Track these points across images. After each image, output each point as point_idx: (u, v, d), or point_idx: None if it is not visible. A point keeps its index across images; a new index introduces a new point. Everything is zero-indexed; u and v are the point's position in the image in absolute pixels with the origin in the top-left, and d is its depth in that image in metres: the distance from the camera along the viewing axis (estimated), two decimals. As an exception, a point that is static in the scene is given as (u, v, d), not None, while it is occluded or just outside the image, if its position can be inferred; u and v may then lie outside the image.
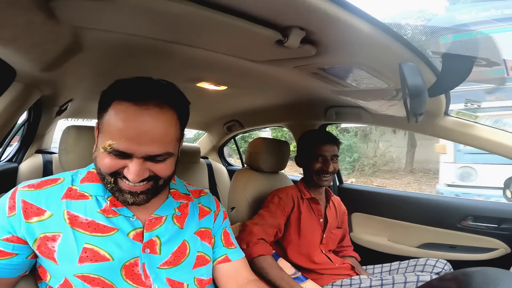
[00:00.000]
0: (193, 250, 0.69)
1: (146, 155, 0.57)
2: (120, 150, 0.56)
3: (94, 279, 0.59)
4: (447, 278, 0.80)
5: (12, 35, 0.57)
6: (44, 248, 0.59)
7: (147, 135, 0.56)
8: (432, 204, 1.50)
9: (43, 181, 0.64)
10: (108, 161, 0.57)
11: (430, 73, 0.79)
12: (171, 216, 0.69)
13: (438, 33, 0.70)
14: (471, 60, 0.70)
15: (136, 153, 0.56)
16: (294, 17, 0.56)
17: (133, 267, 0.62)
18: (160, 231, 0.66)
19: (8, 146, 1.51)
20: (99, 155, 0.58)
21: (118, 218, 0.63)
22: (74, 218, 0.60)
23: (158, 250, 0.65)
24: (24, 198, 0.60)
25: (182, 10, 0.53)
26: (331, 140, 1.25)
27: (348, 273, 1.21)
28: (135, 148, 0.56)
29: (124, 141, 0.55)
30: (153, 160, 0.58)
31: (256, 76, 1.05)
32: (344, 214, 1.41)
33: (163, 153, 0.58)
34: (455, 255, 1.37)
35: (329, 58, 0.77)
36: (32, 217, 0.59)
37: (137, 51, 0.81)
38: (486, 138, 1.14)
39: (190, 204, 0.74)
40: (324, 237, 1.25)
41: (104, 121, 0.58)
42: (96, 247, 0.59)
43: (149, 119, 0.56)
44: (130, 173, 0.56)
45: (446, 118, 1.20)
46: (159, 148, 0.57)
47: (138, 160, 0.56)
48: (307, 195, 1.25)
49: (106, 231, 0.61)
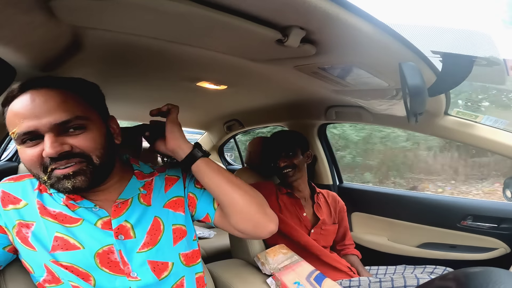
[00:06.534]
0: (167, 225, 0.69)
1: (51, 125, 0.54)
2: (24, 131, 0.54)
3: (67, 267, 0.59)
4: (448, 278, 0.80)
5: (12, 35, 0.57)
6: (21, 234, 0.61)
7: (43, 107, 0.55)
8: (432, 204, 1.50)
9: (23, 175, 0.68)
10: (27, 153, 0.57)
11: (430, 73, 0.79)
12: (136, 196, 0.68)
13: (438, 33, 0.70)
14: (471, 60, 0.70)
15: (40, 127, 0.54)
16: (294, 16, 0.56)
17: (108, 254, 0.62)
18: (128, 214, 0.65)
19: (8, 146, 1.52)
20: (20, 152, 0.59)
21: (80, 210, 0.63)
22: (44, 208, 0.62)
23: (132, 234, 0.64)
24: (3, 189, 0.63)
25: (182, 10, 0.53)
26: (282, 138, 1.34)
27: (345, 271, 1.22)
28: (37, 122, 0.54)
29: (23, 122, 0.54)
30: (66, 132, 0.56)
31: (256, 76, 1.05)
32: (343, 210, 1.42)
33: (72, 117, 0.56)
34: (455, 255, 1.37)
35: (329, 57, 0.77)
36: (8, 205, 0.62)
37: (137, 51, 0.81)
38: (486, 138, 1.14)
39: (155, 178, 0.74)
40: (313, 232, 1.26)
41: (6, 123, 0.58)
42: (66, 235, 0.61)
43: (39, 96, 0.56)
44: (46, 148, 0.54)
45: (446, 118, 1.20)
46: (64, 114, 0.55)
47: (48, 135, 0.54)
48: (284, 191, 1.31)
49: (73, 222, 0.62)
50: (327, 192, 1.43)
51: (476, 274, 0.66)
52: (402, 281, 1.05)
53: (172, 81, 1.18)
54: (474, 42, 0.67)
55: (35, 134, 0.55)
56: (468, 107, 1.13)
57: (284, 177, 1.30)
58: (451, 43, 0.68)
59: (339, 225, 1.39)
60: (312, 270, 1.05)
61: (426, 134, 1.34)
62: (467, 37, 0.67)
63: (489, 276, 0.64)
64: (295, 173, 1.29)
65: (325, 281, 1.01)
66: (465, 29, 0.66)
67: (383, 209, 1.65)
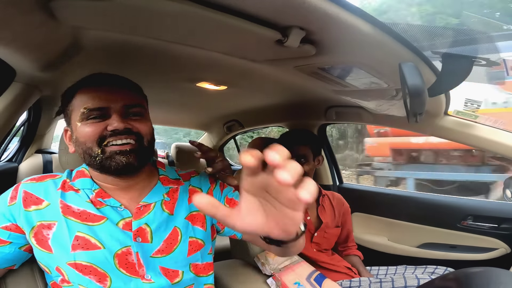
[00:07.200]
0: (185, 237, 0.69)
1: (121, 106, 0.63)
2: (97, 107, 0.61)
3: (86, 267, 0.60)
4: (448, 278, 0.80)
5: (12, 35, 0.57)
6: (40, 236, 0.61)
7: (118, 93, 0.64)
8: (432, 204, 1.50)
9: (44, 175, 0.69)
10: (89, 129, 0.61)
11: (430, 73, 0.79)
12: (159, 202, 0.69)
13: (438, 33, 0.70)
14: (471, 60, 0.70)
15: (112, 105, 0.62)
16: (294, 17, 0.56)
17: (126, 256, 0.62)
18: (149, 219, 0.66)
19: (8, 146, 1.52)
20: (79, 129, 0.62)
21: (106, 208, 0.64)
22: (67, 207, 0.63)
23: (149, 238, 0.65)
24: (25, 189, 0.64)
25: (182, 10, 0.53)
26: (295, 141, 1.26)
27: (345, 272, 1.21)
28: (110, 101, 0.62)
29: (97, 100, 0.62)
30: (129, 116, 0.64)
31: (256, 76, 1.05)
32: (347, 213, 1.39)
33: (137, 103, 0.66)
34: (455, 255, 1.37)
35: (329, 58, 0.77)
36: (31, 205, 0.62)
37: (137, 51, 0.81)
38: (486, 138, 1.14)
39: (180, 188, 0.74)
40: (316, 235, 1.25)
41: (73, 104, 0.64)
42: (87, 235, 0.61)
43: (116, 83, 0.66)
44: (113, 122, 0.61)
45: (446, 118, 1.20)
46: (132, 98, 0.65)
47: (116, 113, 0.62)
48: None
49: (96, 220, 0.62)
50: (332, 194, 1.40)
51: (476, 274, 0.66)
52: (402, 281, 1.05)
53: (172, 82, 1.18)
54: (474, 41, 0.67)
55: (104, 111, 0.62)
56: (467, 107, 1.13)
57: None
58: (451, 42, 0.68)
59: (342, 227, 1.37)
60: (312, 271, 1.05)
61: (426, 134, 1.34)
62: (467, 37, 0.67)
63: (489, 276, 0.64)
64: None
65: (325, 282, 1.01)
66: (465, 29, 0.66)
67: (383, 209, 1.64)
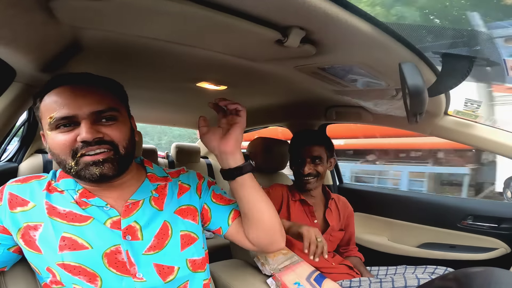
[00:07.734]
0: (175, 230, 0.68)
1: (90, 112, 0.58)
2: (63, 116, 0.58)
3: (75, 268, 0.59)
4: (448, 278, 0.80)
5: (12, 35, 0.57)
6: (28, 237, 0.61)
7: (85, 96, 0.59)
8: (432, 204, 1.50)
9: (29, 176, 0.67)
10: (60, 138, 0.59)
11: (430, 73, 0.79)
12: (148, 199, 0.68)
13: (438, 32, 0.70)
14: (471, 60, 0.70)
15: (79, 113, 0.58)
16: (294, 16, 0.56)
17: (116, 254, 0.62)
18: (138, 216, 0.65)
19: (8, 146, 1.52)
20: (50, 139, 0.60)
21: (91, 208, 0.64)
22: (52, 208, 0.62)
23: (139, 236, 0.64)
24: (11, 191, 0.63)
25: (182, 10, 0.53)
26: (311, 141, 1.23)
27: (347, 272, 1.21)
28: (77, 109, 0.58)
29: (63, 108, 0.58)
30: (100, 121, 0.60)
31: (256, 76, 1.05)
32: (350, 216, 1.38)
33: (107, 108, 0.61)
34: (455, 255, 1.37)
35: (329, 57, 0.77)
36: (17, 207, 0.61)
37: (137, 52, 0.81)
38: (486, 138, 1.14)
39: (169, 184, 0.73)
40: None
41: (41, 110, 0.61)
42: (74, 235, 0.61)
43: (83, 87, 0.60)
44: (82, 133, 0.57)
45: (446, 118, 1.20)
46: (100, 104, 0.60)
47: (85, 121, 0.58)
48: (297, 197, 1.24)
49: (82, 221, 0.62)
50: (338, 197, 1.38)
51: (476, 274, 0.66)
52: (402, 281, 1.05)
53: (172, 82, 1.18)
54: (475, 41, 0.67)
55: (72, 120, 0.58)
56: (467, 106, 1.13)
57: (303, 183, 1.23)
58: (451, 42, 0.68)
59: (345, 230, 1.36)
60: (312, 271, 1.05)
61: (426, 134, 1.34)
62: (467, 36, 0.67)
63: (489, 276, 0.64)
64: (317, 181, 1.23)
65: (325, 282, 1.01)
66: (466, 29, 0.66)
67: (383, 209, 1.65)
